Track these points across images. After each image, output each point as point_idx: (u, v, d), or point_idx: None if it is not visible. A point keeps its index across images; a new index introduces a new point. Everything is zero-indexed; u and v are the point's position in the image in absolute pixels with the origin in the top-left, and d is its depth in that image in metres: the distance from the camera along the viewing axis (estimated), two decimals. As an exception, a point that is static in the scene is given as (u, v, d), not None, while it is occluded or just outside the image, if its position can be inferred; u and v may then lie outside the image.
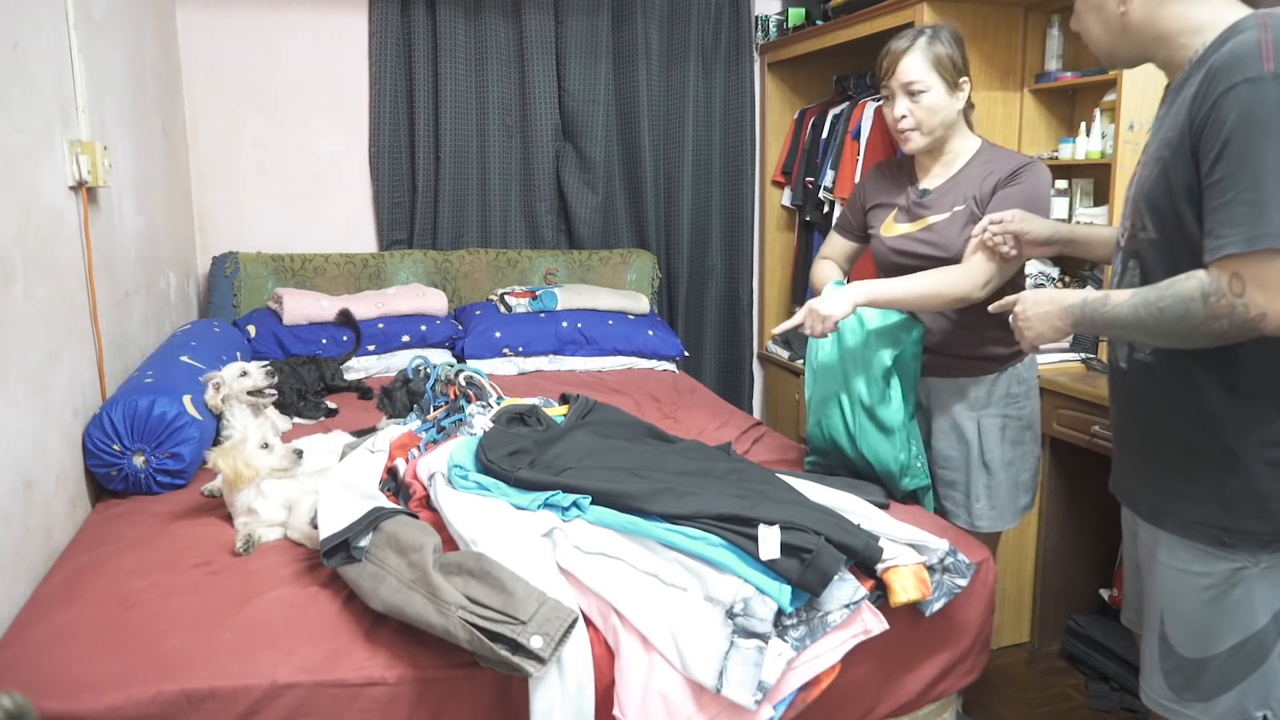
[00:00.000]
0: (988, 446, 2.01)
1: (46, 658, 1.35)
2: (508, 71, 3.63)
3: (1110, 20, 1.36)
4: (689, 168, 3.87)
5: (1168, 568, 1.37)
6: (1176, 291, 1.22)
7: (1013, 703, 2.46)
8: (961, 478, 2.04)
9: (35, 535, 1.70)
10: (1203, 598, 1.33)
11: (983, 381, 2.00)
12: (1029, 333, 1.47)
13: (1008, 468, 2.02)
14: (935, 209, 1.98)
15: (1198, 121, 1.20)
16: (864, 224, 2.15)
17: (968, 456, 2.03)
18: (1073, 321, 1.39)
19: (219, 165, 3.45)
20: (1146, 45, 1.34)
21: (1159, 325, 1.24)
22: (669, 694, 1.34)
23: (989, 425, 2.01)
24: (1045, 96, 2.91)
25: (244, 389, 2.28)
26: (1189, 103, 1.22)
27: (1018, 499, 2.05)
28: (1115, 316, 1.30)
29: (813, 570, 1.44)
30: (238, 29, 3.39)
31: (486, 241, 3.74)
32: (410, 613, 1.37)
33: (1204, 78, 1.21)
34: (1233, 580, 1.30)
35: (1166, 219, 1.28)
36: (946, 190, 1.98)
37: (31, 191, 1.80)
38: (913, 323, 1.98)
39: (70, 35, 2.06)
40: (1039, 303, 1.44)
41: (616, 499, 1.63)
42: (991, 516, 2.03)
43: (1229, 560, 1.30)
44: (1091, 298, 1.35)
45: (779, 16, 3.77)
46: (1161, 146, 1.29)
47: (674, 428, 2.52)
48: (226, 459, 1.80)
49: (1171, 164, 1.25)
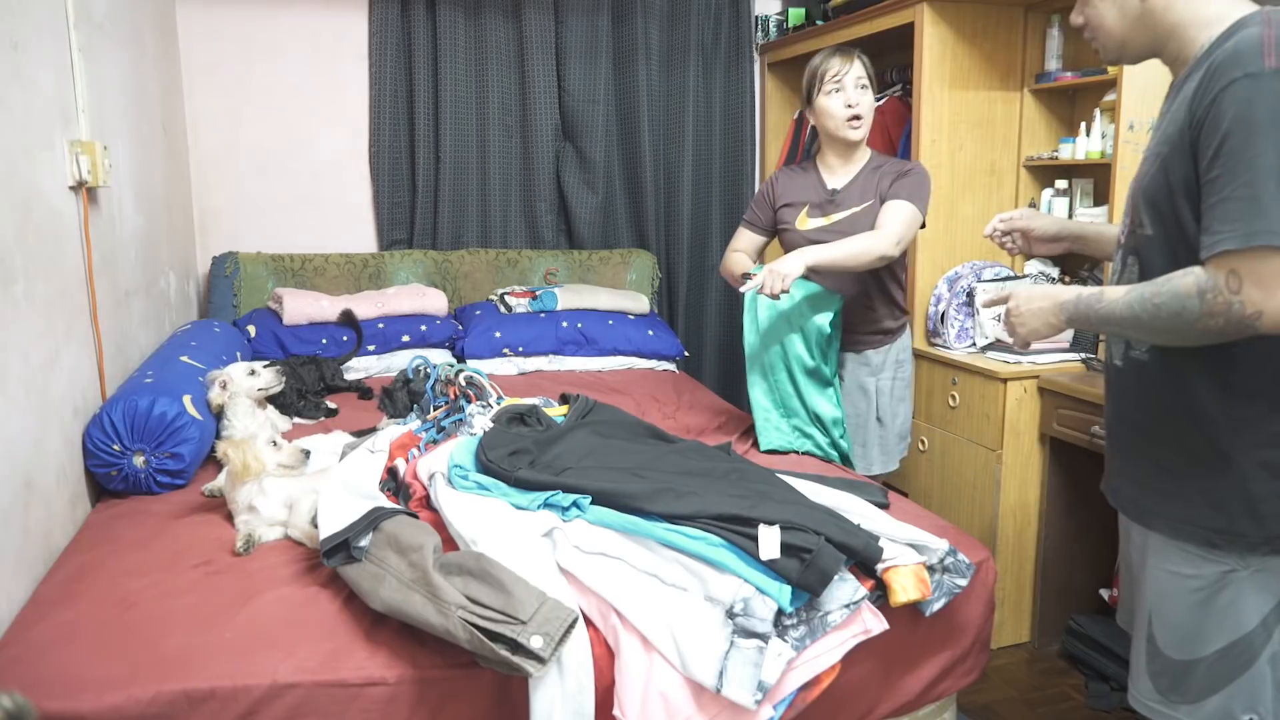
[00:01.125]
0: (882, 404, 2.47)
1: (47, 658, 1.35)
2: (508, 71, 3.64)
3: (1128, 6, 1.33)
4: (689, 168, 3.87)
5: (1156, 569, 1.36)
6: (1173, 288, 1.20)
7: (1013, 703, 2.46)
8: (860, 433, 2.48)
9: (35, 535, 1.70)
10: (1191, 600, 1.31)
11: (880, 350, 2.46)
12: (1022, 328, 1.44)
13: (894, 420, 2.49)
14: (845, 205, 2.37)
15: (1197, 116, 1.19)
16: (773, 220, 2.48)
17: (867, 413, 2.47)
18: (1067, 318, 1.37)
19: (219, 165, 3.45)
20: (1159, 36, 1.32)
21: (1154, 322, 1.23)
22: (669, 694, 1.34)
23: (884, 386, 2.47)
24: (1045, 96, 2.91)
25: (253, 388, 2.29)
26: (1189, 98, 1.21)
27: (900, 445, 2.53)
28: (1110, 312, 1.29)
29: (813, 570, 1.44)
30: (238, 29, 3.39)
31: (486, 241, 3.74)
32: (410, 613, 1.37)
33: (1205, 73, 1.20)
34: (1221, 583, 1.29)
35: (1165, 215, 1.27)
36: (852, 189, 2.37)
37: (31, 191, 1.80)
38: (834, 295, 2.34)
39: (70, 35, 2.06)
40: (1033, 298, 1.42)
41: (616, 499, 1.63)
42: (883, 461, 2.51)
43: (1218, 563, 1.29)
44: (1086, 293, 1.34)
45: (779, 16, 3.77)
46: (1161, 143, 1.28)
47: (674, 428, 2.52)
48: (237, 450, 1.82)
49: (1170, 160, 1.25)
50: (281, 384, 2.33)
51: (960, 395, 2.76)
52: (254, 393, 2.29)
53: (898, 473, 3.02)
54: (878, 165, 2.38)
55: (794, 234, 2.41)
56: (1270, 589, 1.29)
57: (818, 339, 2.31)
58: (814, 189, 2.42)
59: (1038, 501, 2.67)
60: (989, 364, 2.67)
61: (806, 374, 2.33)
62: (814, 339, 2.31)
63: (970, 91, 2.85)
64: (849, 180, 2.38)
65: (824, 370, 2.34)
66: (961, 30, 2.81)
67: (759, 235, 2.52)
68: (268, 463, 1.83)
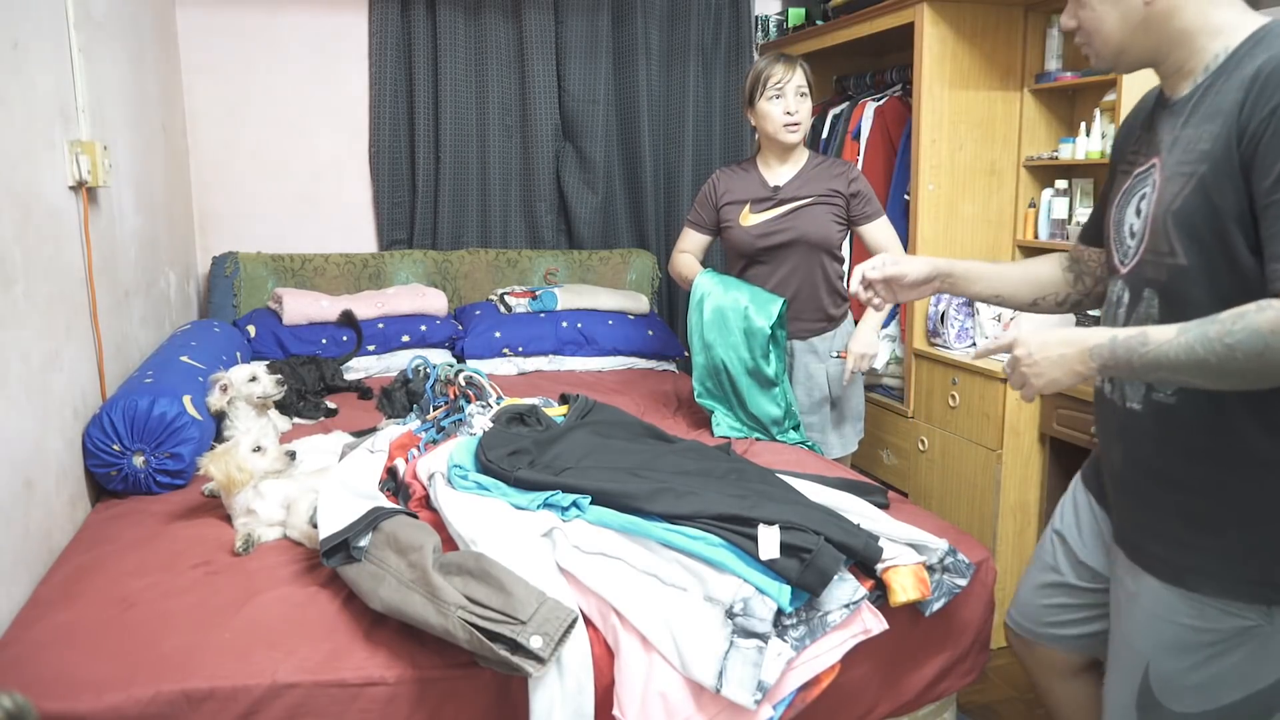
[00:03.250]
0: (834, 390, 2.58)
1: (46, 658, 1.36)
2: (508, 71, 3.63)
3: (1131, 10, 1.22)
4: (689, 168, 3.87)
5: (1167, 621, 1.26)
6: (1249, 325, 1.05)
7: (1013, 703, 2.46)
8: (816, 419, 2.60)
9: (35, 535, 1.70)
10: (1203, 654, 1.23)
11: (826, 337, 2.58)
12: (1038, 380, 1.22)
13: (846, 403, 2.62)
14: (787, 200, 2.51)
15: (1251, 133, 1.08)
16: (716, 219, 2.59)
17: (819, 399, 2.59)
18: (1100, 364, 1.18)
19: (219, 165, 3.45)
20: (1162, 43, 1.23)
21: (1226, 364, 1.06)
22: (669, 694, 1.34)
23: (833, 371, 2.58)
24: (1045, 96, 2.91)
25: (253, 394, 2.29)
26: (1232, 113, 1.11)
27: (856, 426, 2.66)
28: (1161, 356, 1.11)
29: (812, 570, 1.44)
30: (238, 29, 3.39)
31: (486, 241, 3.74)
32: (410, 613, 1.37)
33: (1251, 85, 1.09)
34: (1241, 638, 1.21)
35: (1207, 243, 1.14)
36: (795, 186, 2.52)
37: (31, 191, 1.80)
38: (776, 298, 2.44)
39: (70, 35, 2.06)
40: (1048, 345, 1.21)
41: (616, 499, 1.63)
42: (841, 444, 2.64)
43: (1239, 617, 1.20)
44: (1123, 336, 1.15)
45: (779, 16, 3.77)
46: (1196, 161, 1.15)
47: (674, 428, 2.52)
48: (218, 464, 1.81)
49: (1212, 181, 1.12)
50: (281, 393, 2.33)
51: (960, 395, 2.76)
52: (253, 398, 2.29)
53: (898, 473, 3.03)
54: (817, 164, 2.54)
55: (737, 230, 2.54)
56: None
57: (759, 341, 2.40)
58: (756, 186, 2.55)
59: (1038, 501, 2.67)
60: (989, 364, 2.67)
61: (747, 374, 2.43)
62: (756, 340, 2.40)
63: (970, 91, 2.85)
64: (790, 178, 2.53)
65: (764, 370, 2.41)
66: (961, 30, 2.81)
67: (704, 235, 2.64)
68: (254, 471, 1.82)
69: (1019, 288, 1.59)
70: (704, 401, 2.54)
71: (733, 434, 2.47)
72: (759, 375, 2.42)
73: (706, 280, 2.51)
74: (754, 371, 2.42)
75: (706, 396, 2.53)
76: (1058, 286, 1.57)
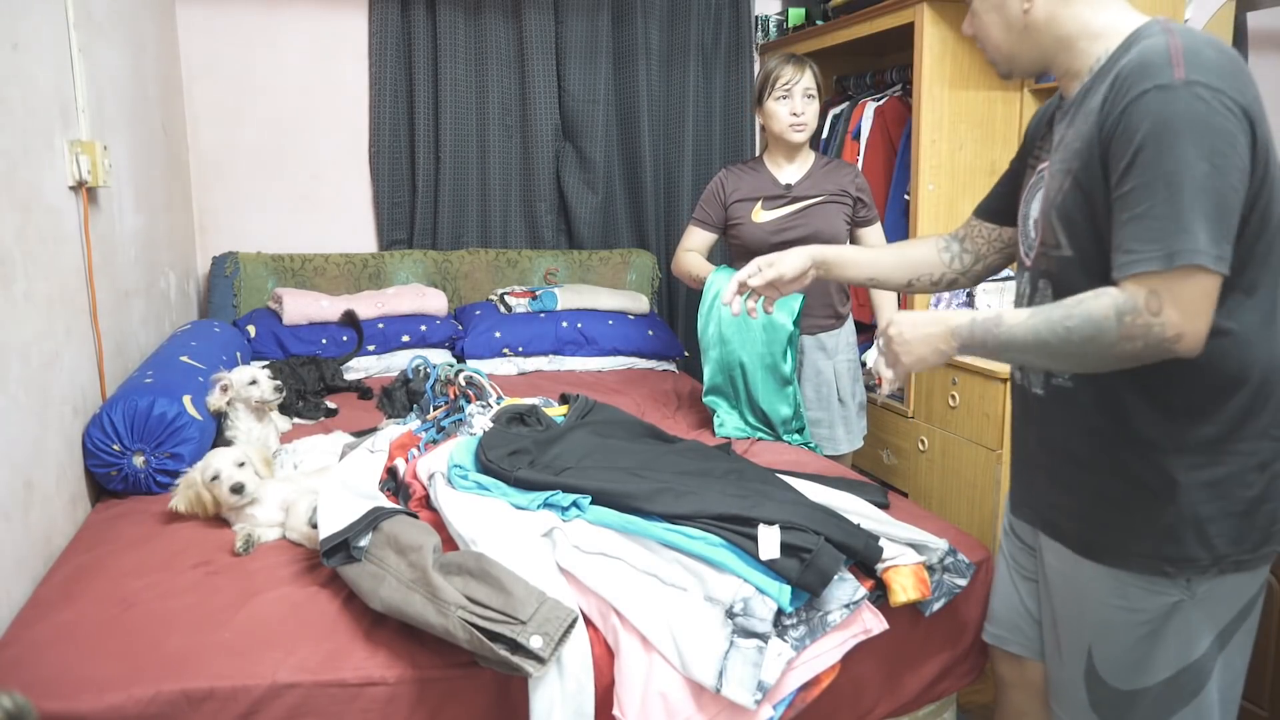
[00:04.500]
0: (842, 385, 2.61)
1: (46, 658, 1.36)
2: (508, 71, 3.63)
3: (1012, 19, 1.28)
4: (689, 168, 3.87)
5: (1099, 604, 1.29)
6: (1086, 310, 1.12)
7: (1013, 703, 2.45)
8: (825, 415, 2.61)
9: (35, 535, 1.70)
10: (1138, 633, 1.27)
11: (834, 334, 2.61)
12: (906, 357, 1.30)
13: (853, 399, 2.64)
14: (799, 198, 2.53)
15: (1106, 130, 1.14)
16: (724, 217, 2.59)
17: (828, 395, 2.60)
18: (960, 343, 1.26)
19: (219, 165, 3.45)
20: (1047, 49, 1.28)
21: (1064, 347, 1.14)
22: (669, 694, 1.34)
23: (841, 367, 2.61)
24: (1045, 96, 2.91)
25: (251, 397, 2.29)
26: (1096, 111, 1.16)
27: (861, 422, 2.68)
28: (1011, 338, 1.20)
29: (813, 570, 1.44)
30: (238, 29, 3.39)
31: (486, 241, 3.74)
32: (410, 613, 1.37)
33: (1111, 85, 1.15)
34: (1169, 615, 1.25)
35: (1084, 236, 1.21)
36: (805, 183, 2.55)
37: (31, 191, 1.80)
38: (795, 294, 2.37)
39: (70, 35, 2.06)
40: (918, 324, 1.29)
41: (616, 499, 1.63)
42: (849, 440, 2.65)
43: (1164, 594, 1.24)
44: (981, 317, 1.24)
45: (779, 16, 3.77)
46: (1070, 159, 1.21)
47: (674, 428, 2.52)
48: (181, 497, 1.85)
49: (1085, 179, 1.18)
50: (280, 397, 2.34)
51: (960, 395, 2.76)
52: (251, 402, 2.29)
53: (898, 473, 3.03)
54: (824, 164, 2.60)
55: (749, 226, 2.55)
56: (1216, 615, 1.25)
57: (781, 336, 2.41)
58: (767, 184, 2.57)
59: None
60: (989, 363, 2.67)
61: (766, 370, 2.44)
62: (777, 336, 2.42)
63: (970, 91, 2.85)
64: (801, 176, 2.57)
65: (782, 368, 2.42)
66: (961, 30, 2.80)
67: (710, 233, 2.64)
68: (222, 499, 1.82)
69: (893, 270, 1.64)
70: (709, 399, 2.54)
71: (735, 434, 2.47)
72: (777, 373, 2.43)
73: (723, 278, 2.48)
74: (772, 368, 2.44)
75: (714, 394, 2.53)
76: (931, 267, 1.62)
